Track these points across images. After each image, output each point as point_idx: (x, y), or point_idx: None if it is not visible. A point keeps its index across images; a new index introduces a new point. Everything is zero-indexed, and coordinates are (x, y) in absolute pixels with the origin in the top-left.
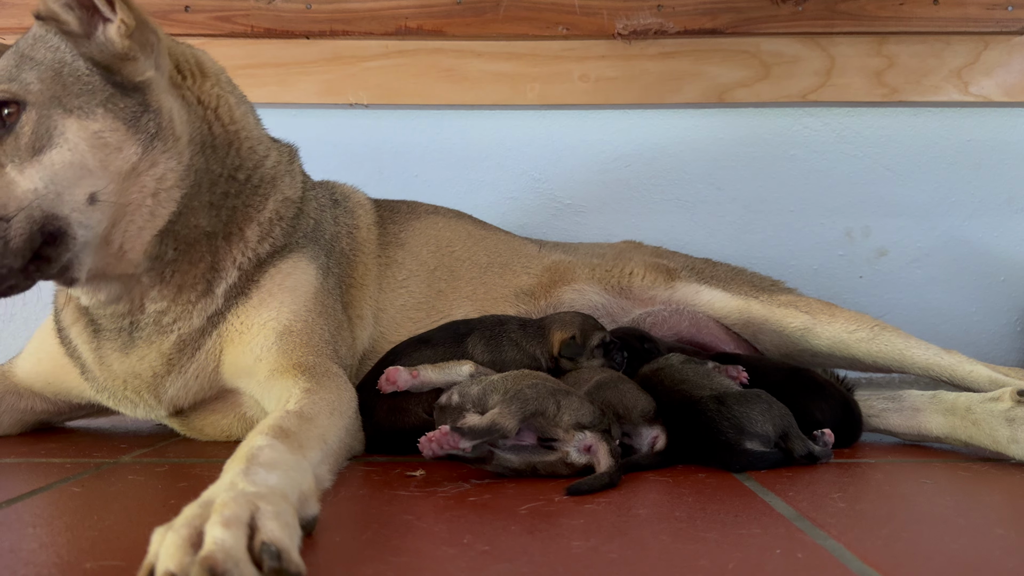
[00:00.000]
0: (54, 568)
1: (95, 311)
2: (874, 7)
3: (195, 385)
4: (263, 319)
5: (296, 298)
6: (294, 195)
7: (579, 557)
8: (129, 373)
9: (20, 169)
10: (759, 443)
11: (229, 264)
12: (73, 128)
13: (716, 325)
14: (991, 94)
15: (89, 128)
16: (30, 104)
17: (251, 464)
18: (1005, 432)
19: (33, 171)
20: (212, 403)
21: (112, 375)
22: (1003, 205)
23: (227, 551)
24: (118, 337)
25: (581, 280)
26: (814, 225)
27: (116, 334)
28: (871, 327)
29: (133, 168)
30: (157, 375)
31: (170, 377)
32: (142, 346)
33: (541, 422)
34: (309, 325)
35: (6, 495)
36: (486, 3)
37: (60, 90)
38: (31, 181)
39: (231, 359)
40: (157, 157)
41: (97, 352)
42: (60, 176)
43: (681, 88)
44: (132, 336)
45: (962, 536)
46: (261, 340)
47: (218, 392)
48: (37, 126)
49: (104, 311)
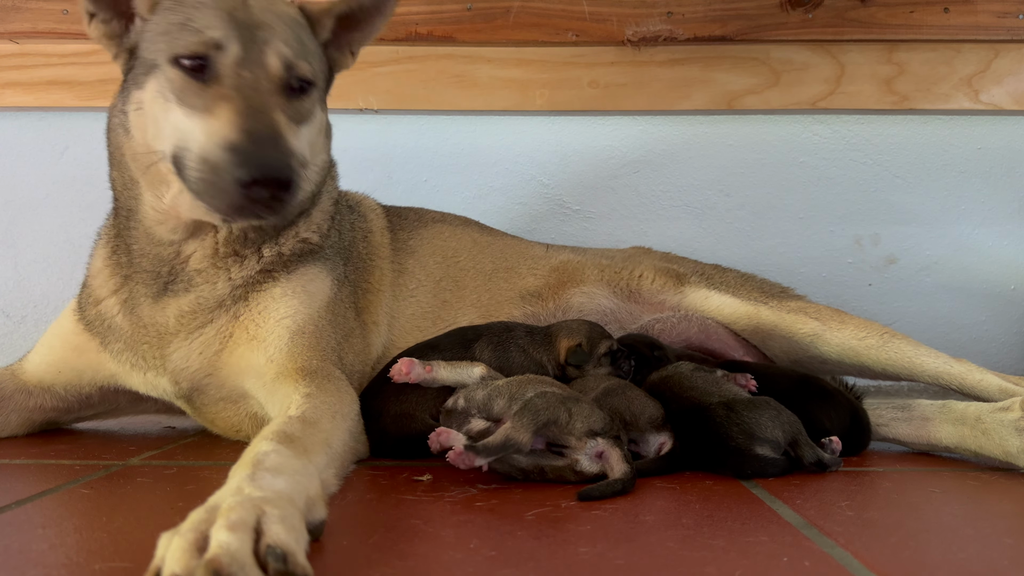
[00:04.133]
0: (63, 569)
1: (144, 251)
2: (884, 15)
3: (197, 361)
4: (280, 314)
5: (313, 303)
6: (331, 207)
7: (586, 563)
8: (150, 323)
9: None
10: (769, 449)
11: (268, 252)
12: (320, 116)
13: (725, 331)
14: (1002, 102)
15: (323, 119)
16: (315, 88)
17: (257, 469)
18: (1015, 442)
19: (300, 135)
20: (219, 388)
21: (135, 323)
22: (1013, 214)
23: (232, 554)
24: (153, 282)
25: (590, 282)
26: (823, 232)
27: (152, 278)
28: (881, 335)
29: (322, 149)
30: (168, 332)
31: (177, 340)
32: (171, 299)
33: (553, 431)
34: (320, 330)
35: (16, 496)
36: (496, 9)
37: (323, 84)
38: (299, 142)
39: (243, 351)
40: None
41: (128, 302)
42: (309, 144)
43: (690, 95)
44: (165, 287)
45: (970, 546)
46: (275, 339)
47: (221, 385)
48: (311, 105)
49: (156, 250)
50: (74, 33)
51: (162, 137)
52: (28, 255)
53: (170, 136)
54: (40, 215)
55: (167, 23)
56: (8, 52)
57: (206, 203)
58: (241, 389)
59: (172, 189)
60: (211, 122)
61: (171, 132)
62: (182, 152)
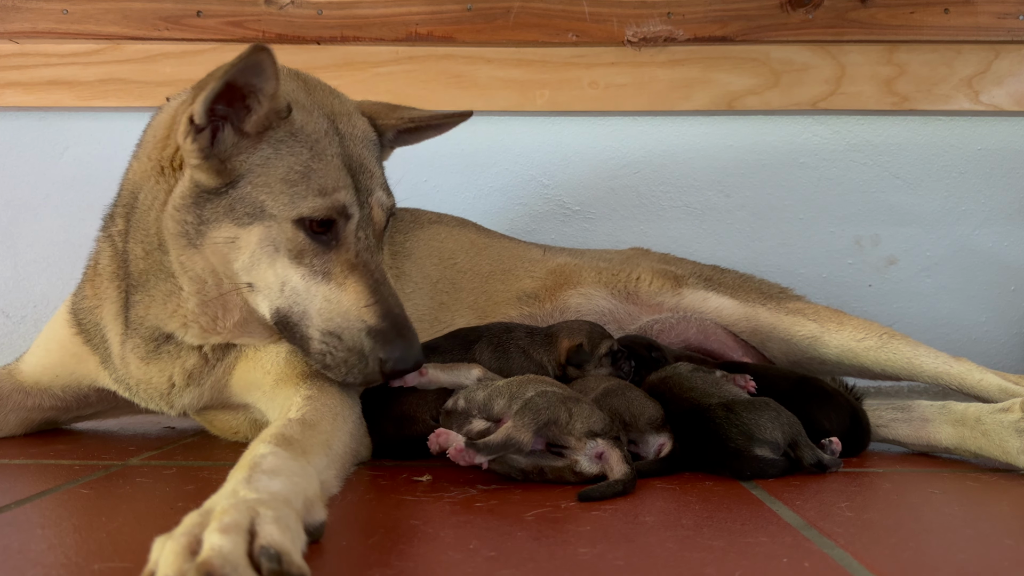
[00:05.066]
0: (62, 569)
1: (139, 323)
2: (885, 15)
3: (208, 395)
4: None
5: None
6: None
7: (585, 564)
8: (144, 380)
9: None
10: (768, 450)
11: None
12: None
13: (724, 332)
14: (1002, 103)
15: None
16: None
17: (253, 472)
18: (1015, 443)
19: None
20: (221, 406)
21: (130, 374)
22: (1014, 214)
23: (224, 556)
24: (144, 346)
25: (587, 284)
26: (823, 233)
27: (142, 343)
28: (880, 335)
29: None
30: (175, 387)
31: (188, 389)
32: (166, 359)
33: (554, 431)
34: None
35: (15, 496)
36: (496, 10)
37: None
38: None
39: (241, 372)
40: None
41: (122, 350)
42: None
43: (690, 95)
44: (159, 349)
45: (970, 546)
46: (273, 355)
47: (224, 403)
48: None
49: (155, 329)
50: (74, 33)
51: (260, 281)
52: (28, 255)
53: (274, 287)
54: (40, 215)
55: (286, 167)
56: (8, 52)
57: (331, 373)
58: (243, 402)
59: (233, 317)
60: (342, 297)
61: (277, 284)
62: (297, 316)
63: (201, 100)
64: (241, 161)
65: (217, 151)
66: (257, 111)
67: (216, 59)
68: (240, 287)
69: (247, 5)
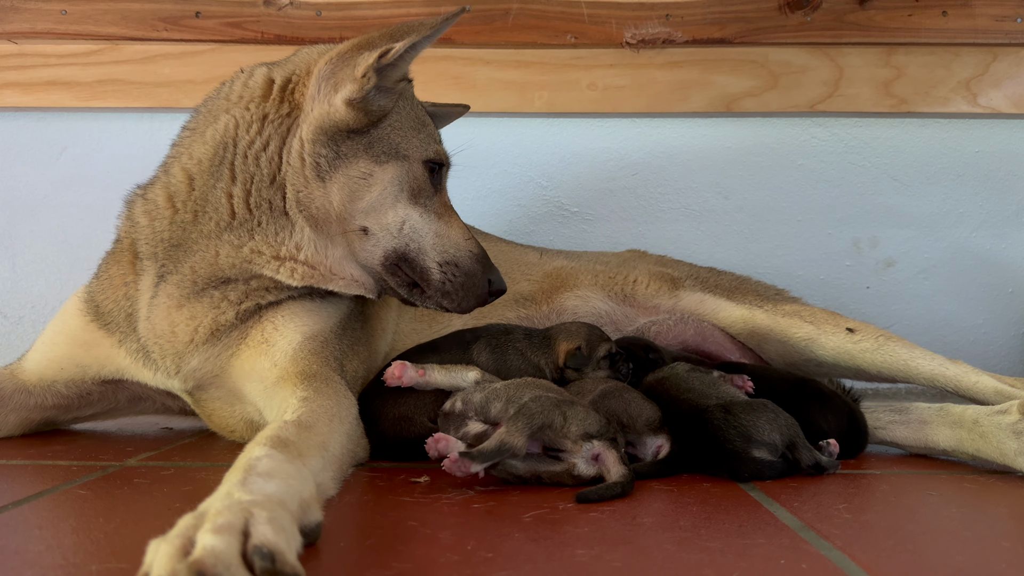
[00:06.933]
0: (59, 570)
1: (199, 267)
2: (883, 18)
3: (214, 364)
4: (299, 322)
5: (330, 318)
6: None
7: (583, 565)
8: (166, 333)
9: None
10: (766, 452)
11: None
12: None
13: (721, 334)
14: (1000, 106)
15: None
16: None
17: (248, 474)
18: (1013, 445)
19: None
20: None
21: (152, 330)
22: (1011, 217)
23: (217, 556)
24: (188, 287)
25: (584, 286)
26: (821, 235)
27: (187, 286)
28: (876, 337)
29: None
30: (194, 341)
31: (205, 347)
32: (206, 303)
33: (549, 434)
34: (327, 341)
35: (12, 497)
36: (495, 11)
37: None
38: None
39: (249, 355)
40: None
41: (150, 306)
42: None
43: (689, 97)
44: (203, 293)
45: (967, 548)
46: (285, 343)
47: (222, 386)
48: None
49: (222, 268)
50: (72, 34)
51: (377, 223)
52: (26, 256)
53: (393, 227)
54: (38, 216)
55: (414, 116)
56: (6, 52)
57: (446, 303)
58: (240, 392)
59: (334, 259)
60: (451, 232)
61: (396, 224)
62: (415, 252)
63: (404, 44)
64: (382, 106)
65: (372, 95)
66: (401, 67)
67: (215, 60)
68: (351, 231)
69: (246, 6)
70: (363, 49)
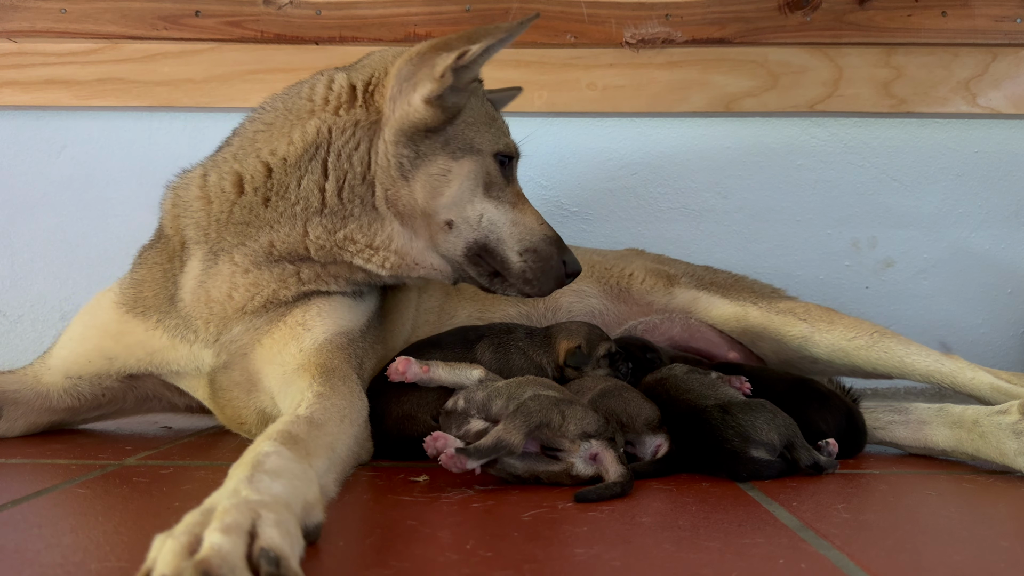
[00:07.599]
0: (59, 569)
1: (286, 239)
2: (882, 18)
3: (251, 337)
4: (336, 317)
5: (362, 314)
6: None
7: (582, 564)
8: (219, 299)
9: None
10: (764, 452)
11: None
12: None
13: (710, 330)
14: (999, 106)
15: None
16: None
17: (256, 471)
18: (1012, 445)
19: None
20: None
21: (204, 295)
22: (1010, 217)
23: (223, 556)
24: (260, 256)
25: (580, 279)
26: (820, 235)
27: (260, 256)
28: (870, 334)
29: None
30: (245, 309)
31: (251, 317)
32: (276, 272)
33: (547, 433)
34: (355, 338)
35: (12, 495)
36: (495, 11)
37: None
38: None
39: (278, 339)
40: None
41: (204, 273)
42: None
43: (688, 97)
44: (276, 263)
45: (966, 548)
46: (321, 331)
47: (245, 368)
48: None
49: (296, 250)
50: (72, 32)
51: (460, 216)
52: (25, 254)
53: (473, 220)
54: (37, 215)
55: (485, 112)
56: (6, 51)
57: (528, 289)
58: (258, 377)
59: (418, 250)
60: (525, 220)
61: (476, 217)
62: (494, 242)
63: (481, 47)
64: (456, 103)
65: (450, 104)
66: (475, 69)
67: (215, 59)
68: (435, 225)
69: (245, 5)
70: (441, 50)
